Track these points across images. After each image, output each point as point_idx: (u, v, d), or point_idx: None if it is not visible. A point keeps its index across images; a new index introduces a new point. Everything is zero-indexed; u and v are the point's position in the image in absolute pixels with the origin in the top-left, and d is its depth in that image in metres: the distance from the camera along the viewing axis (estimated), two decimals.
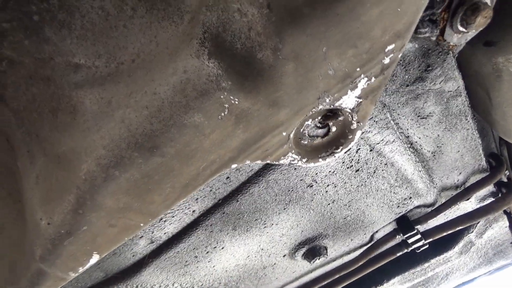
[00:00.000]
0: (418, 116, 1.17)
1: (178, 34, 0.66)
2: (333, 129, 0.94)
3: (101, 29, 0.61)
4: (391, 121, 1.17)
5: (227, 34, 0.69)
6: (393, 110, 1.14)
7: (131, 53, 0.65)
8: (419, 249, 1.95)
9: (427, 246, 1.96)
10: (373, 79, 0.85)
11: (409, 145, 1.27)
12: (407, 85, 1.07)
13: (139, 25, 0.63)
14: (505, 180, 1.91)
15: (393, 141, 1.23)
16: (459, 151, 1.39)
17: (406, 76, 1.03)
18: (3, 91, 0.66)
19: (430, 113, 1.17)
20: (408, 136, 1.25)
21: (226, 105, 0.77)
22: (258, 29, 0.68)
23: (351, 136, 0.96)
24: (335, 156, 0.99)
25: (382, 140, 1.22)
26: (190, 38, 0.68)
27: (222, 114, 0.78)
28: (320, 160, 0.98)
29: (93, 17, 0.60)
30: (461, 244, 2.20)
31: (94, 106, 0.71)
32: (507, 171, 1.78)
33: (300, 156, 0.96)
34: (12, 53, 0.61)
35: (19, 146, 0.75)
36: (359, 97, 0.88)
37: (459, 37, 0.88)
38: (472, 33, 0.88)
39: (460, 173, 1.55)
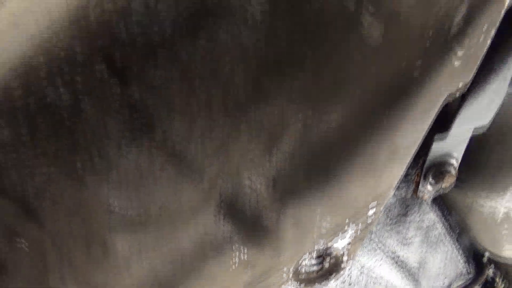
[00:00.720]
0: (402, 241, 1.33)
1: (199, 196, 0.76)
2: (326, 264, 1.09)
3: (134, 181, 0.68)
4: (379, 245, 1.32)
5: (239, 203, 0.80)
6: (380, 236, 1.29)
7: (159, 207, 0.73)
8: None
9: None
10: (359, 228, 1.01)
11: (396, 261, 1.41)
12: (390, 222, 1.23)
13: (167, 182, 0.70)
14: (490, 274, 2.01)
15: (381, 259, 1.37)
16: (441, 262, 1.52)
17: (388, 218, 1.20)
18: (43, 219, 0.70)
19: (412, 238, 1.32)
20: (394, 253, 1.39)
21: (237, 257, 0.90)
22: (265, 202, 0.81)
23: (343, 267, 1.11)
24: (328, 285, 1.12)
25: (371, 260, 1.36)
26: (209, 201, 0.78)
27: (233, 265, 0.91)
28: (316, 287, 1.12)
29: (128, 169, 0.66)
30: None
31: (125, 250, 0.78)
32: (491, 269, 1.89)
33: (298, 285, 1.10)
34: (55, 193, 0.66)
35: (52, 268, 0.79)
36: (348, 240, 1.04)
37: (429, 193, 1.05)
38: (441, 191, 1.05)
39: (445, 278, 1.67)
